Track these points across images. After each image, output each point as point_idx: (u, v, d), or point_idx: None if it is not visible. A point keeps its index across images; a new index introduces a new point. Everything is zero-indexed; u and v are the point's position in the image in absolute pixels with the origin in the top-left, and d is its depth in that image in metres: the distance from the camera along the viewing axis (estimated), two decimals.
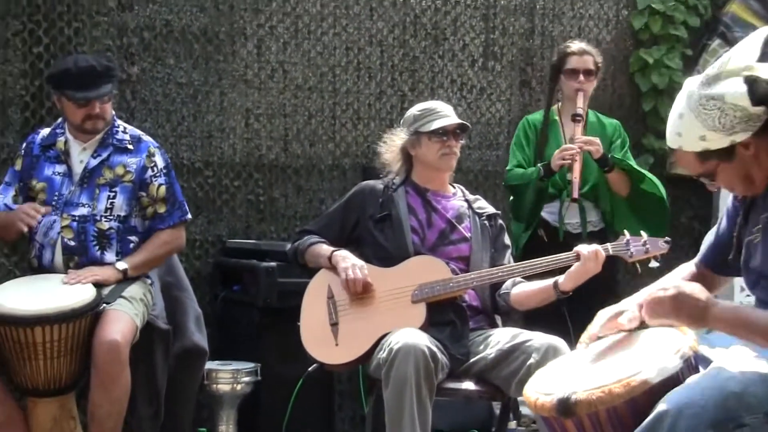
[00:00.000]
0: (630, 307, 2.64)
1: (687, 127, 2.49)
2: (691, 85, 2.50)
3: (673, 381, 2.39)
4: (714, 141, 2.46)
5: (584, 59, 4.77)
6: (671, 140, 2.56)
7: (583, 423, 2.45)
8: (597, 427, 2.44)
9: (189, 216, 4.11)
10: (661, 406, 2.33)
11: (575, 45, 4.84)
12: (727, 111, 2.40)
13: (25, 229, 3.81)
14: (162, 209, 4.01)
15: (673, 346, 2.47)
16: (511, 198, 4.84)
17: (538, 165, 4.63)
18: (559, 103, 4.89)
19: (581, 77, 4.74)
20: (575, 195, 4.49)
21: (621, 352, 2.59)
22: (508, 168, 4.77)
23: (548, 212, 4.73)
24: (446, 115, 3.95)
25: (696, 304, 2.46)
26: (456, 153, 3.96)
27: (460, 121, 3.97)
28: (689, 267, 2.83)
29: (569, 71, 4.76)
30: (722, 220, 2.73)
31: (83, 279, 3.77)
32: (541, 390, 2.54)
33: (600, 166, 4.65)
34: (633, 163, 4.82)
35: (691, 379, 2.40)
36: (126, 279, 3.90)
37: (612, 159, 4.66)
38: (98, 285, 3.80)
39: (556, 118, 4.82)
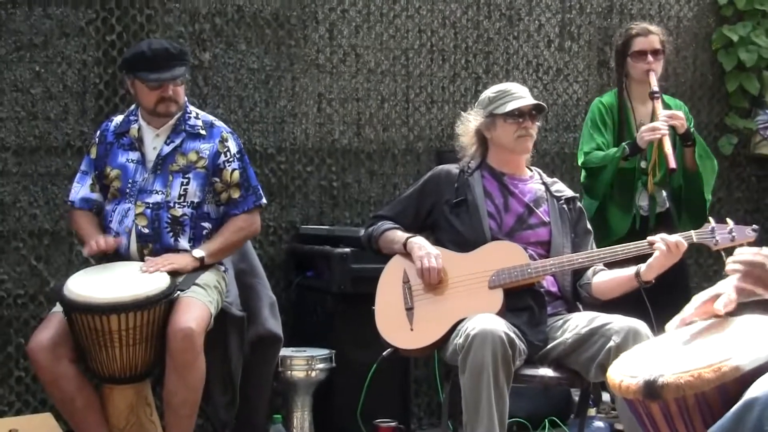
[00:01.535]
0: (726, 290, 2.55)
1: None
2: None
3: (766, 369, 2.30)
4: None
5: (650, 39, 4.70)
6: None
7: (669, 407, 2.37)
8: (684, 413, 2.36)
9: (264, 201, 4.10)
10: (751, 393, 2.24)
11: (639, 26, 4.78)
12: None
13: (87, 250, 3.84)
14: (236, 194, 4.00)
15: (766, 332, 2.37)
16: (585, 177, 4.78)
17: (623, 144, 4.57)
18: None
19: (649, 57, 4.67)
20: (673, 165, 4.43)
21: (712, 337, 2.50)
22: (585, 150, 4.68)
23: None
24: (521, 96, 3.88)
25: None
26: (532, 135, 3.88)
27: (535, 101, 3.89)
28: None
29: (636, 53, 4.69)
30: None
31: (161, 267, 3.76)
32: (626, 372, 2.46)
33: (683, 140, 4.60)
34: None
35: None
36: (202, 266, 3.89)
37: (694, 134, 4.63)
38: (174, 273, 3.79)
39: (627, 101, 4.75)
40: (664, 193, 4.76)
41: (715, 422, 2.28)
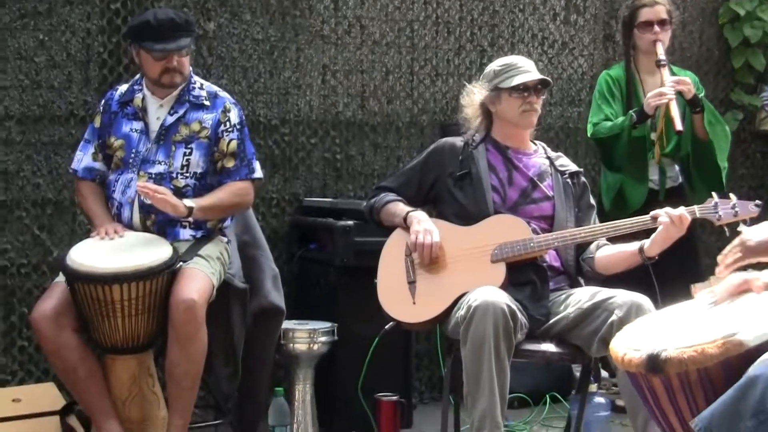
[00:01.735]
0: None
1: None
2: None
3: None
4: None
5: (656, 9, 4.71)
6: None
7: (671, 382, 2.37)
8: (686, 388, 2.36)
9: (257, 174, 4.05)
10: (753, 371, 2.24)
11: None
12: None
13: (96, 234, 3.83)
14: (230, 164, 3.97)
15: None
16: (600, 150, 4.80)
17: (630, 112, 4.56)
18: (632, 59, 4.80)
19: (656, 27, 4.68)
20: (679, 127, 4.41)
21: (716, 312, 2.49)
22: (594, 121, 4.68)
23: None
24: (527, 70, 3.85)
25: None
26: (537, 110, 3.86)
27: (541, 76, 3.86)
28: None
29: (643, 24, 4.70)
30: None
31: (155, 194, 3.71)
32: (629, 345, 2.46)
33: (691, 106, 4.58)
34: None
35: None
36: (202, 238, 3.89)
37: (702, 100, 4.61)
38: (172, 242, 3.80)
39: (635, 73, 4.72)
40: (677, 168, 4.75)
41: (718, 397, 2.28)
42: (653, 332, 2.55)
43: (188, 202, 3.80)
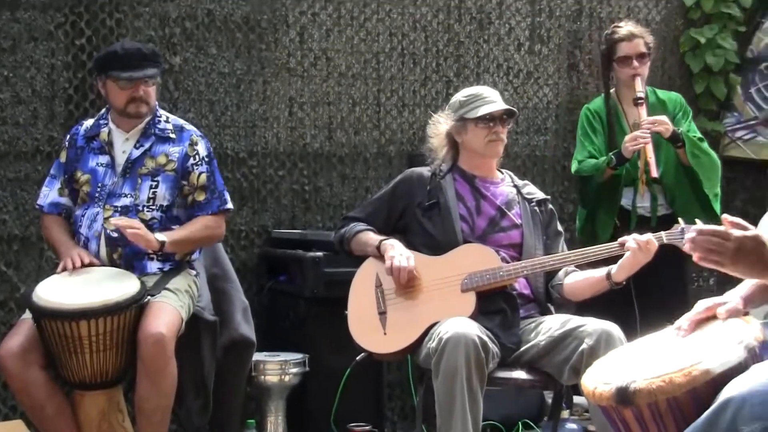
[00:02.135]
0: (733, 299, 2.57)
1: None
2: None
3: (736, 371, 2.32)
4: None
5: (635, 44, 4.69)
6: None
7: (642, 413, 2.39)
8: (657, 418, 2.38)
9: (229, 206, 4.06)
10: (724, 395, 2.27)
11: (623, 30, 4.75)
12: None
13: (65, 266, 3.78)
14: (201, 197, 3.97)
15: (736, 336, 2.40)
16: (580, 186, 4.83)
17: (610, 154, 4.58)
18: (613, 90, 4.81)
19: (635, 62, 4.66)
20: (655, 174, 4.45)
21: (683, 342, 2.52)
22: (579, 159, 4.69)
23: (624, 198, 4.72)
24: (493, 100, 3.88)
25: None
26: (503, 139, 3.88)
27: (506, 106, 3.89)
28: None
29: (621, 59, 4.69)
30: None
31: (128, 228, 3.70)
32: (599, 379, 2.48)
33: (672, 143, 4.59)
34: (698, 134, 4.77)
35: (756, 368, 2.32)
36: (170, 271, 3.87)
37: (682, 134, 4.61)
38: (140, 276, 3.78)
39: (617, 104, 4.74)
40: (665, 197, 4.76)
41: (688, 425, 2.30)
42: (623, 365, 2.58)
43: (160, 236, 3.80)
